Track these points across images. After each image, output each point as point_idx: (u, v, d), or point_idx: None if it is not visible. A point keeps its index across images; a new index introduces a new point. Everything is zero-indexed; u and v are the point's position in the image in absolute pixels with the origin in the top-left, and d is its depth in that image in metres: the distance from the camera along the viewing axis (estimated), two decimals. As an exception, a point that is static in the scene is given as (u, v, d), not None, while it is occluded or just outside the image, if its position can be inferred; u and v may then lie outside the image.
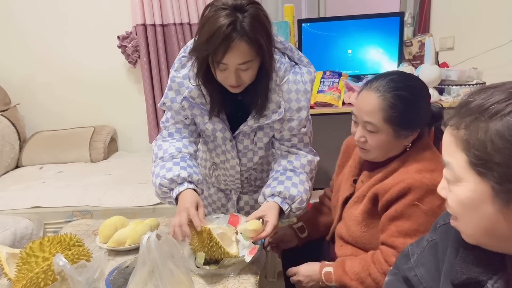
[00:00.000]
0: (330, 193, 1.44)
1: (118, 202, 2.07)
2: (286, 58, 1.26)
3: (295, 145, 1.33)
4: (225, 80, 1.16)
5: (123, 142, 2.99)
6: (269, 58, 1.14)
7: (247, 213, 1.46)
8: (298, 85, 1.23)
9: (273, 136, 1.33)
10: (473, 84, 2.14)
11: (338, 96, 2.19)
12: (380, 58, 2.46)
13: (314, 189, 2.69)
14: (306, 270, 1.20)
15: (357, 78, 2.38)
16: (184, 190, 1.21)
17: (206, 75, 1.18)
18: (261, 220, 1.17)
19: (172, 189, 1.24)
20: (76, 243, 1.09)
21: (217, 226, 1.18)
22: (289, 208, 1.23)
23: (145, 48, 2.65)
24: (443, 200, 0.69)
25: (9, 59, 2.86)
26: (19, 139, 2.75)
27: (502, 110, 0.57)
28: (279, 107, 1.22)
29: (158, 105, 1.34)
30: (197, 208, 1.17)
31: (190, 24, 2.63)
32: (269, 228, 1.14)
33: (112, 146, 2.88)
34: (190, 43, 1.24)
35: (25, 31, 2.81)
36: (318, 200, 1.53)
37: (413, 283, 0.84)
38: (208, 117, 1.27)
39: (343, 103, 2.20)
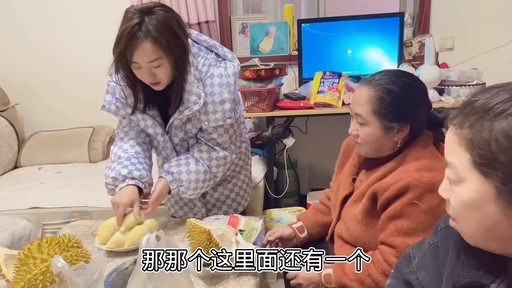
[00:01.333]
0: (330, 193, 1.44)
1: (117, 202, 2.06)
2: (213, 54, 1.35)
3: (214, 139, 1.39)
4: (143, 78, 1.25)
5: (122, 143, 2.97)
6: (181, 56, 1.24)
7: (213, 206, 1.58)
8: (221, 78, 1.31)
9: (201, 129, 1.39)
10: (473, 85, 2.14)
11: (338, 96, 2.19)
12: (380, 59, 2.46)
13: (313, 189, 2.73)
14: (306, 273, 1.19)
15: (357, 78, 2.37)
16: (125, 186, 1.31)
17: (128, 74, 1.27)
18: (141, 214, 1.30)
19: (116, 186, 1.34)
20: (75, 244, 1.08)
21: (217, 227, 1.18)
22: (177, 189, 1.36)
23: (145, 48, 2.64)
24: (442, 199, 0.69)
25: (8, 59, 2.86)
26: (18, 139, 2.74)
27: (507, 110, 0.57)
28: (199, 98, 1.29)
29: (100, 108, 1.43)
30: (131, 205, 1.28)
31: (189, 25, 2.62)
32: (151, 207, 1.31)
33: (111, 147, 2.87)
34: None
35: (24, 30, 2.81)
36: (318, 201, 1.52)
37: (414, 287, 0.83)
38: (131, 113, 1.38)
39: (343, 104, 2.20)
